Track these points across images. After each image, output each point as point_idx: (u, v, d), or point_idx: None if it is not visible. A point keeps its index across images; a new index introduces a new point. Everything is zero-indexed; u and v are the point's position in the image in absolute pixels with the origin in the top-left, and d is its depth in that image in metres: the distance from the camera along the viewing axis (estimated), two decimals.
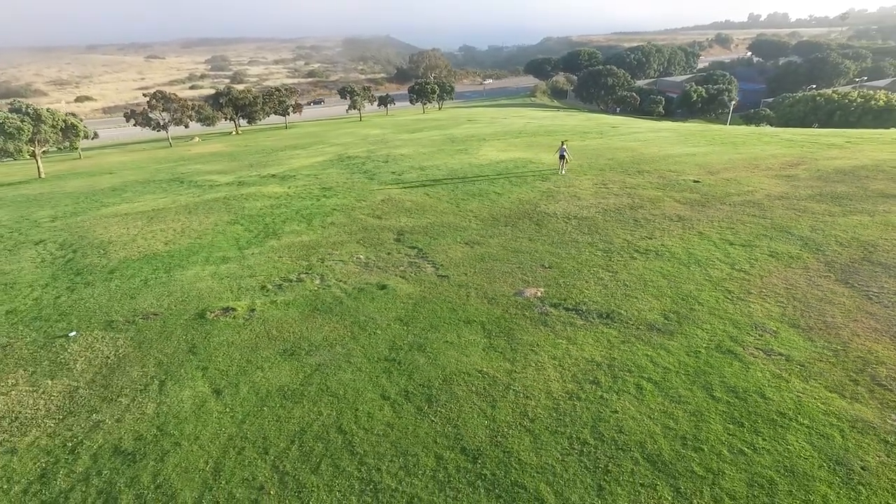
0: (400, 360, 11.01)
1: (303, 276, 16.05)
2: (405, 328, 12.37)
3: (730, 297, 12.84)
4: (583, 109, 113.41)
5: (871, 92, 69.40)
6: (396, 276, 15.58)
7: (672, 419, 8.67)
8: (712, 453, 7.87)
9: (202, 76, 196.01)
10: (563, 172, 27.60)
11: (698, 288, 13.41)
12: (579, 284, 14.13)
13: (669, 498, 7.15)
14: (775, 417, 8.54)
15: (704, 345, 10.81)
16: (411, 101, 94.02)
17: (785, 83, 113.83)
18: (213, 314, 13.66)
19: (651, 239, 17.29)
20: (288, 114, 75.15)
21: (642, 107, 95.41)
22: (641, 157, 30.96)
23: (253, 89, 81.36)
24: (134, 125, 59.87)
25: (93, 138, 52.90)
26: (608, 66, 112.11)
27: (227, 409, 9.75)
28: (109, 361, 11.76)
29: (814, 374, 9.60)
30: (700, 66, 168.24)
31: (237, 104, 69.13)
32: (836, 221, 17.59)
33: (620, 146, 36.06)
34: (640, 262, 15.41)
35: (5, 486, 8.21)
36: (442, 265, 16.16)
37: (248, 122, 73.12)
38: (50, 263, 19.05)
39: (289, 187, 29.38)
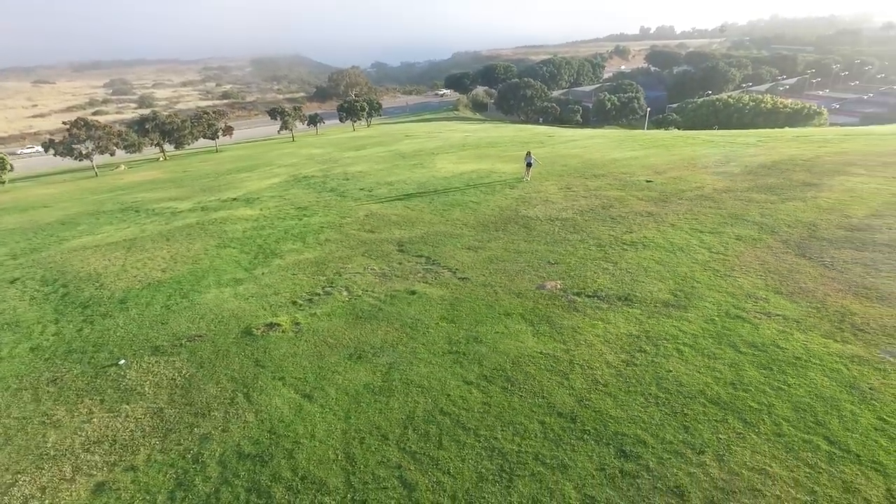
0: (464, 352, 12.26)
1: (328, 289, 16.80)
2: (454, 325, 13.62)
3: (718, 275, 15.15)
4: (505, 121, 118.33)
5: (759, 96, 78.38)
6: (419, 282, 16.73)
7: (716, 371, 10.57)
8: (758, 391, 9.81)
9: (105, 101, 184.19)
10: (528, 179, 29.80)
11: (690, 270, 15.65)
12: (589, 275, 15.98)
13: (740, 427, 8.96)
14: (794, 361, 10.66)
15: (716, 314, 12.91)
16: (341, 120, 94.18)
17: (683, 90, 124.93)
18: (259, 330, 14.21)
19: (632, 233, 19.54)
20: (217, 137, 73.21)
21: (562, 116, 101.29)
22: (590, 162, 33.81)
23: (179, 113, 78.43)
24: (54, 155, 56.22)
25: (10, 170, 49.22)
26: (525, 79, 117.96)
27: (327, 409, 10.59)
28: (178, 382, 12.12)
29: (808, 327, 11.90)
30: (605, 76, 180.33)
31: (164, 129, 66.59)
32: (778, 207, 20.71)
33: (566, 153, 38.94)
34: (632, 252, 17.54)
35: (148, 497, 8.68)
36: (457, 269, 17.49)
37: (176, 148, 70.53)
38: (43, 299, 18.46)
39: (261, 209, 29.48)
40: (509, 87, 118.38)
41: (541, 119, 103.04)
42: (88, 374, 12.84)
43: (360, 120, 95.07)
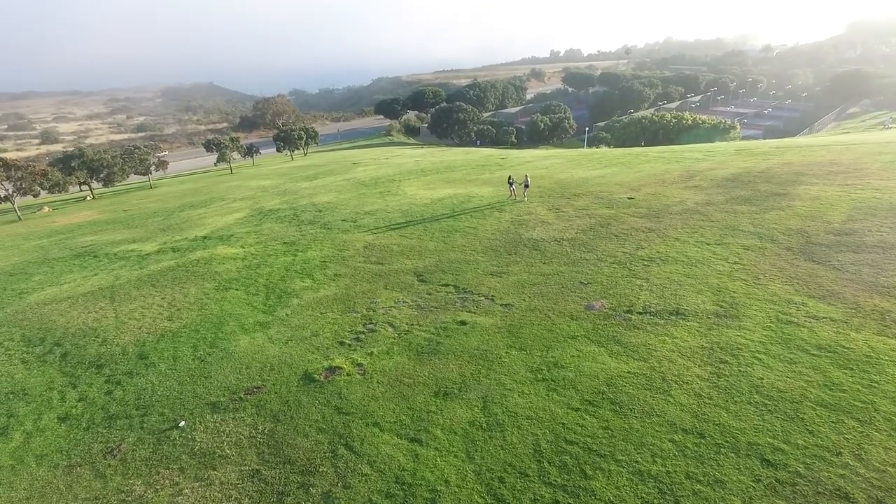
0: (551, 379, 12.34)
1: (370, 326, 16.35)
2: (525, 353, 13.68)
3: (748, 284, 16.21)
4: (441, 144, 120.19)
5: (680, 114, 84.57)
6: (463, 311, 16.66)
7: (804, 375, 11.30)
8: (854, 391, 10.59)
9: (0, 138, 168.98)
10: (526, 199, 30.57)
11: (720, 281, 16.64)
12: (628, 293, 16.58)
13: (858, 426, 9.63)
14: (866, 359, 11.61)
15: (769, 321, 13.80)
16: (278, 149, 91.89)
17: (603, 109, 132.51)
18: (321, 376, 13.59)
19: (643, 249, 20.48)
20: (151, 172, 69.17)
21: (497, 138, 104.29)
22: (561, 182, 35.08)
23: (109, 149, 73.41)
24: None
25: None
26: (457, 104, 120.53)
27: (445, 452, 10.31)
28: (259, 439, 11.36)
29: (858, 327, 13.00)
30: (528, 97, 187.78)
31: (92, 167, 62.04)
32: (763, 217, 22.45)
33: (532, 174, 40.11)
34: (656, 268, 18.39)
35: None
36: (493, 296, 17.58)
37: (104, 185, 65.90)
38: (39, 362, 16.65)
39: (242, 247, 28.18)
40: (442, 111, 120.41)
41: (478, 142, 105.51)
42: (149, 441, 11.74)
43: (297, 149, 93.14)
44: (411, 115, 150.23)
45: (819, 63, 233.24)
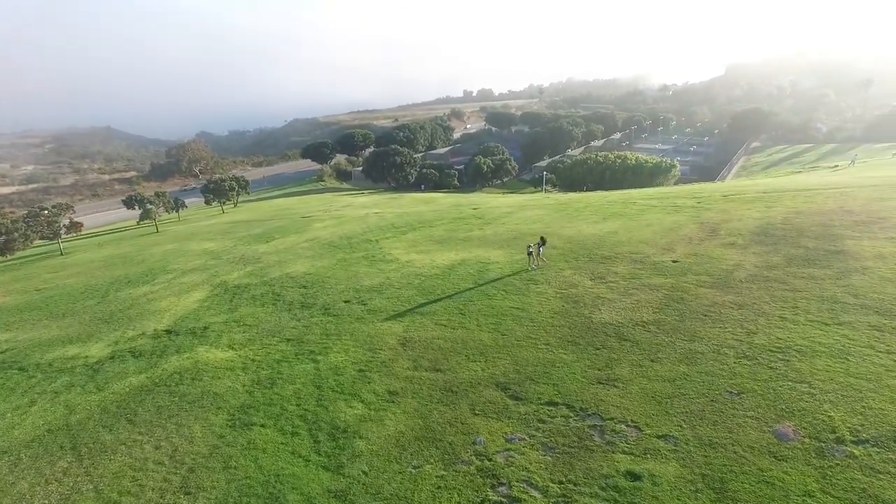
0: None
1: (502, 490, 11.93)
2: None
3: None
4: (378, 188, 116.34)
5: (623, 153, 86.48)
6: (615, 452, 12.67)
7: None
8: None
9: None
10: (539, 264, 27.35)
11: None
12: (806, 407, 13.38)
13: None
14: None
15: None
16: (207, 202, 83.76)
17: (534, 149, 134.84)
18: None
19: (756, 333, 17.60)
20: (61, 235, 59.50)
21: (440, 181, 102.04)
22: (573, 240, 32.23)
23: (5, 211, 62.61)
24: None
25: None
26: (393, 146, 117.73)
27: None
28: None
29: None
30: (454, 137, 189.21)
31: None
32: (852, 283, 20.42)
33: (527, 230, 37.20)
34: (801, 364, 15.43)
35: None
36: (633, 421, 13.78)
37: (2, 254, 55.69)
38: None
39: (231, 348, 22.55)
40: (377, 154, 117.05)
41: (422, 186, 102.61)
42: None
43: (228, 200, 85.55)
44: (341, 159, 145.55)
45: (712, 101, 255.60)
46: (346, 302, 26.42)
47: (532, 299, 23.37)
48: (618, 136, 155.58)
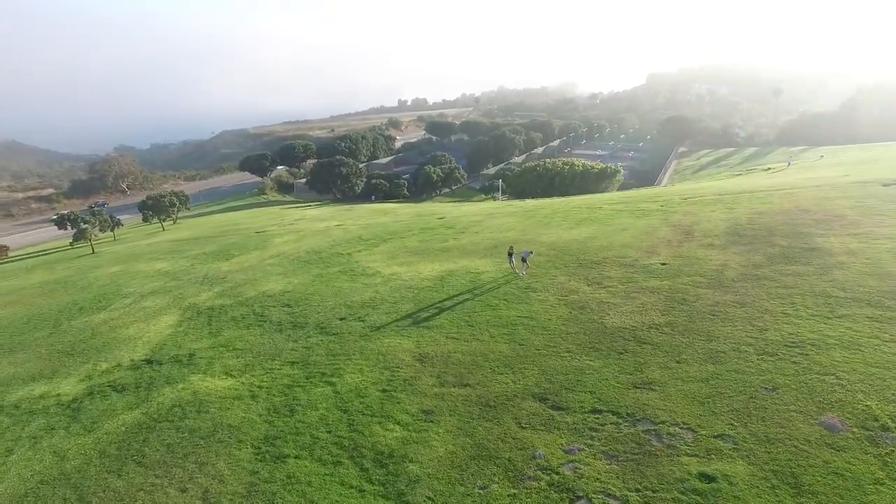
0: None
1: (578, 503, 11.78)
2: None
3: None
4: (325, 200, 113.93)
5: (570, 160, 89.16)
6: (680, 455, 12.83)
7: None
8: None
9: None
10: (524, 273, 27.60)
11: None
12: (842, 398, 14.12)
13: None
14: None
15: None
16: (145, 219, 78.85)
17: (479, 158, 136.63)
18: None
19: (768, 330, 18.46)
20: None
21: (390, 191, 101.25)
22: (555, 246, 32.77)
23: None
24: None
25: None
26: (338, 157, 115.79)
27: None
28: None
29: None
30: (396, 146, 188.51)
31: None
32: (836, 278, 21.89)
33: (505, 239, 37.48)
34: (820, 356, 16.29)
35: None
36: (684, 423, 14.02)
37: None
38: None
39: (229, 375, 21.21)
40: (322, 165, 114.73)
41: (373, 196, 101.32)
42: None
43: (168, 217, 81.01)
44: (282, 171, 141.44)
45: (637, 108, 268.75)
46: (341, 319, 25.50)
47: (536, 307, 23.45)
48: (556, 143, 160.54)
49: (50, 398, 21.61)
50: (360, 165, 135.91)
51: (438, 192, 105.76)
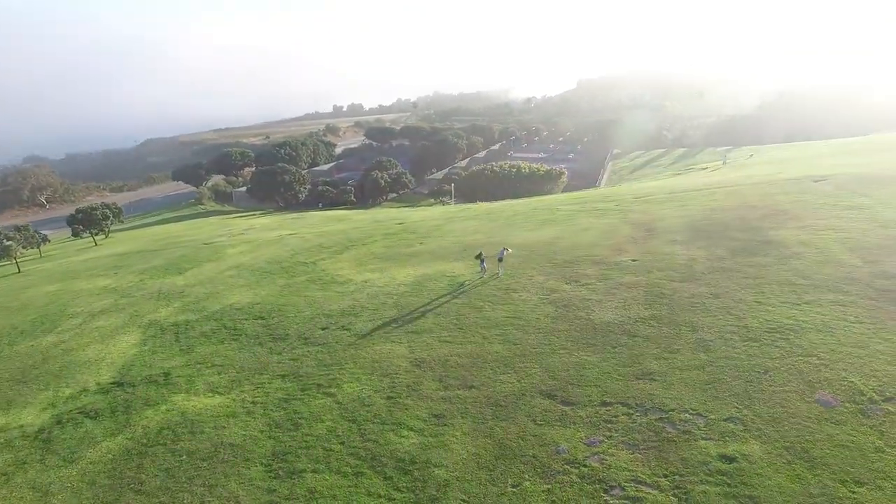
0: None
1: (616, 495, 12.21)
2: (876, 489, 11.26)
3: None
4: (267, 209, 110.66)
5: (517, 163, 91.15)
6: (696, 440, 13.52)
7: None
8: None
9: None
10: (502, 274, 28.07)
11: (887, 345, 16.42)
12: (828, 376, 15.31)
13: None
14: None
15: None
16: (75, 234, 73.70)
17: (423, 162, 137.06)
18: None
19: (746, 318, 19.70)
20: None
21: (337, 198, 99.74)
22: (527, 247, 33.41)
23: None
24: None
25: None
26: (281, 165, 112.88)
27: None
28: None
29: None
30: (336, 152, 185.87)
31: None
32: (796, 267, 23.69)
33: (472, 241, 37.94)
34: (799, 339, 17.56)
35: None
36: (695, 411, 14.78)
37: None
38: None
39: (215, 393, 20.31)
40: (264, 173, 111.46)
41: (320, 204, 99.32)
42: None
43: (101, 231, 76.17)
44: (219, 180, 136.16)
45: (570, 112, 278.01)
46: (323, 329, 24.96)
47: (522, 307, 23.89)
48: (497, 147, 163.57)
49: (12, 430, 19.92)
50: (303, 172, 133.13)
51: (385, 197, 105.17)
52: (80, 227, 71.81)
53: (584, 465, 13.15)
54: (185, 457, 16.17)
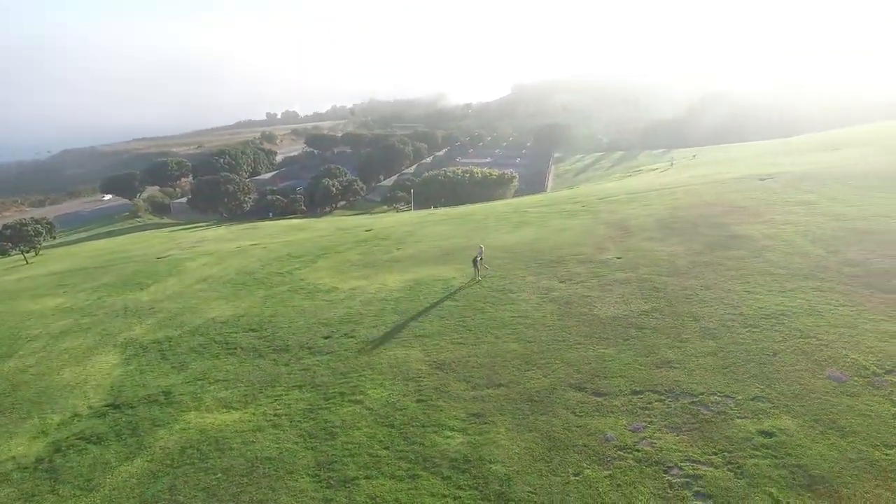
0: None
1: (672, 472, 13.02)
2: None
3: (888, 321, 18.19)
4: (213, 221, 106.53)
5: (470, 169, 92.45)
6: (732, 418, 14.59)
7: None
8: None
9: None
10: (480, 277, 28.69)
11: (873, 324, 18.26)
12: (833, 355, 16.85)
13: None
14: None
15: None
16: (3, 252, 68.10)
17: (370, 169, 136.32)
18: None
19: (741, 307, 21.19)
20: None
21: (287, 207, 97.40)
22: (508, 249, 34.30)
23: None
24: None
25: None
26: (224, 174, 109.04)
27: None
28: None
29: None
30: (277, 161, 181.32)
31: None
32: (770, 258, 25.71)
33: (451, 246, 38.44)
34: (794, 322, 19.12)
35: None
36: (722, 393, 15.89)
37: None
38: None
39: (228, 408, 19.71)
40: (206, 183, 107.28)
41: (271, 213, 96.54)
42: None
43: (32, 248, 70.85)
44: (154, 191, 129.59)
45: (509, 117, 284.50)
46: (326, 338, 24.64)
47: (524, 306, 24.57)
48: (442, 153, 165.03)
49: (4, 462, 18.48)
50: (247, 181, 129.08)
51: (336, 205, 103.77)
52: (10, 244, 66.35)
53: (637, 450, 13.86)
54: (220, 474, 15.63)
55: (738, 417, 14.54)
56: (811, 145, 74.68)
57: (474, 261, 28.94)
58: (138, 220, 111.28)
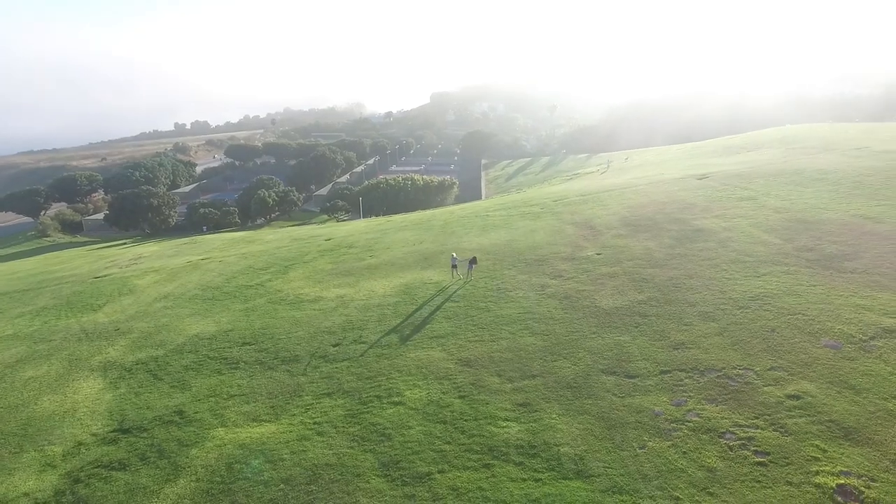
0: None
1: (726, 436, 14.58)
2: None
3: (855, 295, 21.07)
4: (136, 237, 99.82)
5: (411, 176, 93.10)
6: (756, 394, 16.43)
7: None
8: None
9: None
10: (471, 279, 29.72)
11: (861, 300, 21.05)
12: (821, 328, 19.29)
13: None
14: None
15: None
16: None
17: (302, 179, 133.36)
18: None
19: (727, 292, 23.56)
20: None
21: (220, 220, 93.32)
22: (487, 251, 35.35)
23: None
24: None
25: None
26: (146, 188, 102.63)
27: None
28: None
29: None
30: (198, 172, 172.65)
31: None
32: (735, 248, 28.56)
33: (425, 251, 39.07)
34: (781, 301, 21.58)
35: None
36: (741, 366, 17.78)
37: None
38: None
39: (258, 422, 19.30)
40: (125, 197, 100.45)
41: (205, 227, 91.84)
42: None
43: None
44: (62, 208, 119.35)
45: (431, 125, 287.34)
46: (335, 346, 24.51)
47: (526, 303, 25.73)
48: (372, 161, 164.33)
49: (17, 499, 17.07)
50: (171, 195, 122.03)
51: (270, 217, 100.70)
52: None
53: (688, 421, 15.30)
54: (282, 485, 15.41)
55: (763, 385, 16.37)
56: (730, 147, 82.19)
57: (455, 263, 29.81)
58: (48, 239, 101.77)
